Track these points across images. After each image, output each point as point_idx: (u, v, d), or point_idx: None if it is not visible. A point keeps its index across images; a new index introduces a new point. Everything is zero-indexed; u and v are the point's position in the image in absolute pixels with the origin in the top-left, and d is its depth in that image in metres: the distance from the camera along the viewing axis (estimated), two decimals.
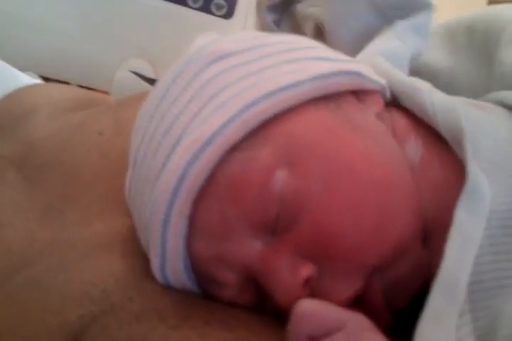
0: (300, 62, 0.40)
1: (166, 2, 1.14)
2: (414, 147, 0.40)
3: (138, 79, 1.05)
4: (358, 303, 0.36)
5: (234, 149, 0.36)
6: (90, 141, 0.61)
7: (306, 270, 0.35)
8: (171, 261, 0.37)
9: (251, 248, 0.36)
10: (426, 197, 0.38)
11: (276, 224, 0.36)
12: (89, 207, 0.54)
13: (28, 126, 0.66)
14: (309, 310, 0.32)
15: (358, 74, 0.41)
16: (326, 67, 0.40)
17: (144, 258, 0.40)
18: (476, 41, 0.53)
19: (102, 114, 0.66)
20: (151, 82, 1.04)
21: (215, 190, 0.36)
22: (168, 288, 0.39)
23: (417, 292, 0.37)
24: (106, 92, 1.09)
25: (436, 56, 0.55)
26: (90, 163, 0.58)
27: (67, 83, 1.13)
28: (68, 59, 1.14)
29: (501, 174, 0.37)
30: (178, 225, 0.36)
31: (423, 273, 0.36)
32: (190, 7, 1.14)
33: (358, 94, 0.42)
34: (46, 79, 1.05)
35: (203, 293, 0.39)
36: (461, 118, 0.38)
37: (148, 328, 0.35)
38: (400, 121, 0.42)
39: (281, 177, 0.35)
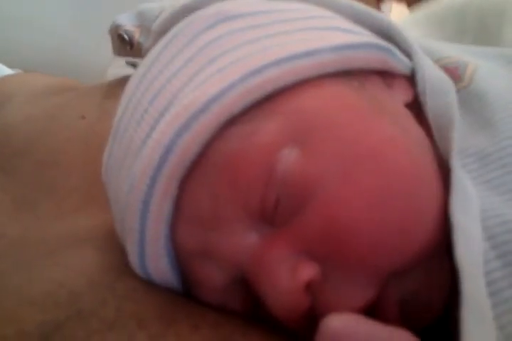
0: (320, 30, 0.35)
1: None
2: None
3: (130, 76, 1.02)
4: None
5: (233, 121, 0.30)
6: (71, 126, 0.56)
7: (309, 271, 0.29)
8: (151, 254, 0.31)
9: (244, 240, 0.30)
10: None
11: (276, 213, 0.30)
12: (66, 198, 0.49)
13: (2, 112, 0.62)
14: (344, 328, 0.26)
15: (388, 50, 0.35)
16: (351, 38, 0.34)
17: (124, 255, 0.34)
18: (469, 26, 0.50)
19: (83, 97, 0.61)
20: None
21: (207, 167, 0.30)
22: (150, 287, 0.33)
23: (442, 305, 0.31)
24: None
25: None
26: (70, 150, 0.53)
27: None
28: (59, 56, 1.13)
29: (481, 166, 0.33)
30: (161, 208, 0.30)
31: (446, 283, 0.30)
32: None
33: (385, 77, 0.36)
34: None
35: (192, 293, 0.33)
36: (455, 111, 0.33)
37: (125, 337, 0.29)
38: None
39: (287, 156, 0.30)
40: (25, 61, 1.07)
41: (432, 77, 0.35)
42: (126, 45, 0.57)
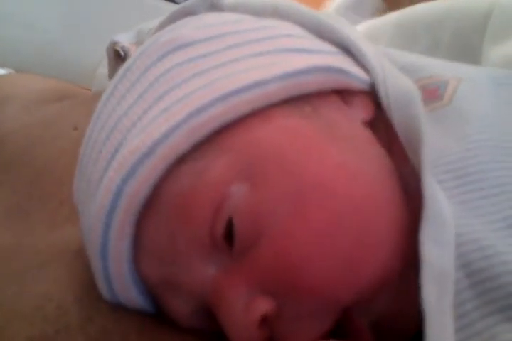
0: (271, 54, 0.34)
1: None
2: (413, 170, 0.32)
3: None
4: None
5: (181, 161, 0.31)
6: (64, 136, 0.57)
7: (263, 306, 0.29)
8: (119, 287, 0.33)
9: (202, 273, 0.31)
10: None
11: (232, 246, 0.30)
12: (59, 208, 0.49)
13: None
14: None
15: (339, 70, 0.34)
16: (299, 62, 0.33)
17: None
18: (443, 42, 0.49)
19: (77, 107, 0.61)
20: None
21: (160, 206, 0.31)
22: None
23: (415, 323, 0.30)
24: (88, 90, 1.05)
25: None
26: (63, 161, 0.53)
27: None
28: (49, 55, 1.11)
29: (459, 185, 0.31)
30: (118, 249, 0.32)
31: (415, 306, 0.29)
32: (176, 2, 1.10)
33: (344, 94, 0.35)
34: None
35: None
36: (421, 122, 0.31)
37: None
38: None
39: (236, 193, 0.30)
40: (15, 60, 1.07)
41: (396, 91, 0.34)
42: (120, 62, 0.57)
